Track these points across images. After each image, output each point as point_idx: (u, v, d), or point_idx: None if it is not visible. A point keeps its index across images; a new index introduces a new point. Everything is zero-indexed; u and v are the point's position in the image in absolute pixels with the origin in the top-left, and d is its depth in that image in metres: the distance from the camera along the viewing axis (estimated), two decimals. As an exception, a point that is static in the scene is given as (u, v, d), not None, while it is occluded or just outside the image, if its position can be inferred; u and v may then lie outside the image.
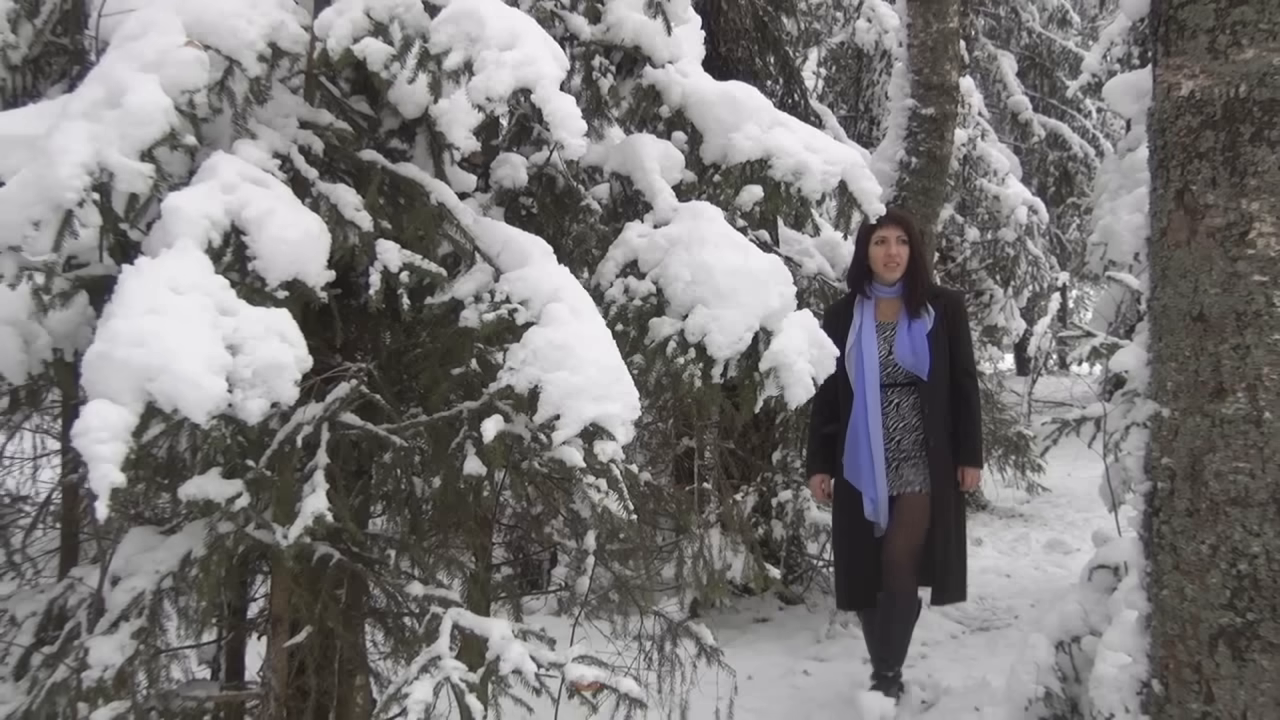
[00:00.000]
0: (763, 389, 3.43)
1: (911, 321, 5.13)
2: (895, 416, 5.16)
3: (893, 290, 5.20)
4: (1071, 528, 10.20)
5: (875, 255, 5.17)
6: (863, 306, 5.22)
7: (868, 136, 13.30)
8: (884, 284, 5.19)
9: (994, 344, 13.05)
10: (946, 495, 5.14)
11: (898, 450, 5.14)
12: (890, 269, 5.14)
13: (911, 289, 5.17)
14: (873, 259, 5.18)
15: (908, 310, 5.15)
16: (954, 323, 5.21)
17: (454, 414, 3.17)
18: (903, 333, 5.14)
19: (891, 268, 5.14)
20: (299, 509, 2.89)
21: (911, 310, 5.14)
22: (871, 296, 5.22)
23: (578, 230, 4.06)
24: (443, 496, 3.36)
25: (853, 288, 5.32)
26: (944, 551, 5.13)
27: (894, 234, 5.14)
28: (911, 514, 5.10)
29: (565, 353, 2.92)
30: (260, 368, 2.53)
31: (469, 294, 3.17)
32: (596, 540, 4.59)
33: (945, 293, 5.42)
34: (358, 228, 3.04)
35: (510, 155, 3.93)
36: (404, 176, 3.25)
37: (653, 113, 4.15)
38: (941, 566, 5.14)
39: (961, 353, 5.22)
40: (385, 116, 3.46)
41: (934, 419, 5.12)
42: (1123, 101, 5.69)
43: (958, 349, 5.20)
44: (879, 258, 5.16)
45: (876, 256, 5.17)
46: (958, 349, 5.20)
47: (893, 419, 5.16)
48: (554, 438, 2.86)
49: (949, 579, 5.19)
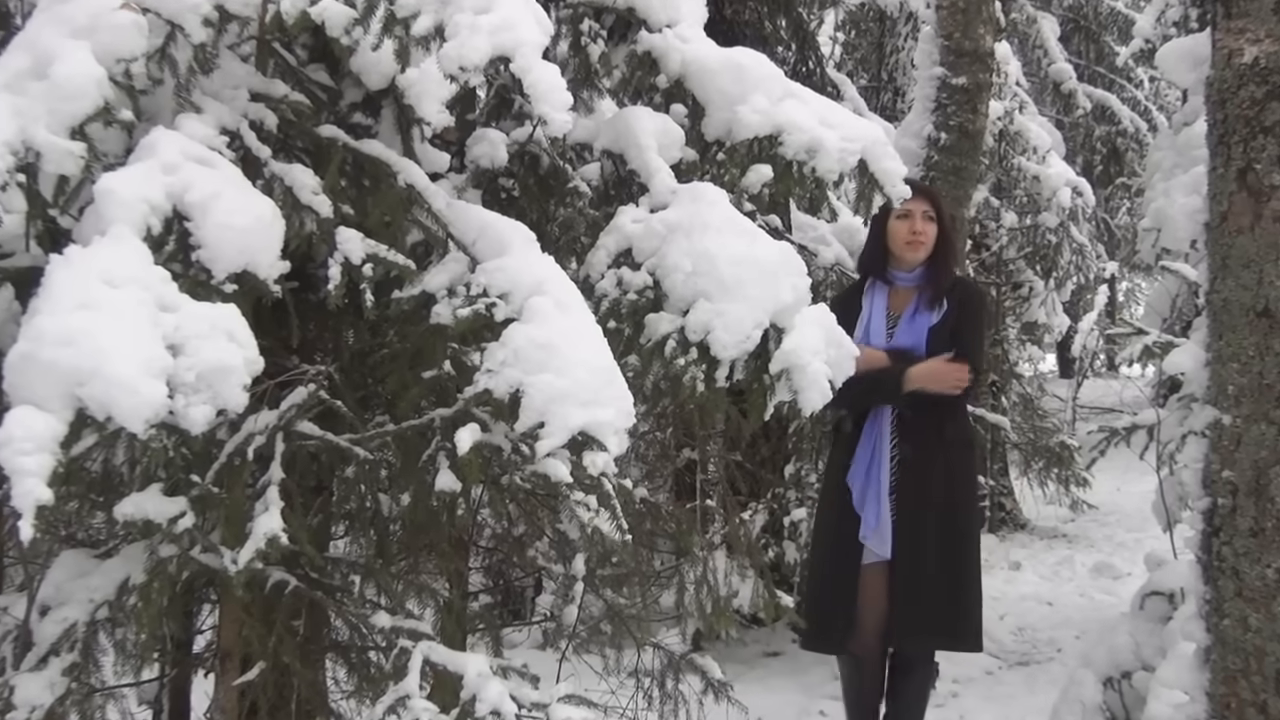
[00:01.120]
0: (773, 393, 3.42)
1: (917, 313, 4.89)
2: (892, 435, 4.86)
3: (912, 277, 4.95)
4: (1121, 549, 10.23)
5: (896, 231, 4.93)
6: (873, 293, 4.99)
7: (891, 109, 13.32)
8: (903, 268, 4.96)
9: (1034, 343, 13.06)
10: (956, 520, 4.84)
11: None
12: (914, 248, 4.90)
13: (935, 276, 4.93)
14: (892, 236, 4.94)
15: (921, 300, 4.91)
16: (962, 313, 4.90)
17: (425, 422, 3.16)
18: (904, 325, 4.90)
19: (915, 247, 4.90)
20: (250, 530, 2.88)
21: (927, 300, 4.90)
22: (887, 283, 4.98)
23: (564, 215, 4.06)
24: (413, 515, 3.35)
25: (865, 271, 5.11)
26: (954, 589, 4.80)
27: (920, 208, 4.88)
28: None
29: (550, 353, 2.92)
30: (205, 371, 2.53)
31: (441, 287, 3.17)
32: (586, 564, 4.59)
33: (962, 282, 5.18)
34: (316, 213, 3.04)
35: (488, 131, 3.92)
36: (368, 155, 3.25)
37: (648, 83, 4.14)
38: (952, 609, 4.78)
39: (962, 344, 4.85)
40: (347, 88, 3.46)
41: (924, 429, 4.81)
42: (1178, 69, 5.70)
43: (960, 341, 4.85)
44: (900, 234, 4.91)
45: (898, 233, 4.93)
46: (960, 341, 4.85)
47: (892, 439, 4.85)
48: (537, 448, 2.85)
49: (963, 623, 4.82)
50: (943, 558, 4.75)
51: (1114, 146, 16.77)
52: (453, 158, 3.80)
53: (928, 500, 4.78)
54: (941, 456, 4.84)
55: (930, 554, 4.74)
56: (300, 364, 3.27)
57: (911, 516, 4.76)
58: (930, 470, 4.81)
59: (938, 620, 4.74)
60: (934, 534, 4.76)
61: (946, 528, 4.79)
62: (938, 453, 4.83)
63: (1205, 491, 3.53)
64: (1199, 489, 3.57)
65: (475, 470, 2.97)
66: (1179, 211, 6.59)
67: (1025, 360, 13.15)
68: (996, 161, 11.54)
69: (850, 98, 9.97)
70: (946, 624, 4.76)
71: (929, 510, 4.77)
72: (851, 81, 11.16)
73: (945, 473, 4.83)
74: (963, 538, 4.85)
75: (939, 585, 4.73)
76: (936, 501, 4.79)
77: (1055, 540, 10.87)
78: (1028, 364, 13.37)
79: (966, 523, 4.91)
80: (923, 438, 4.83)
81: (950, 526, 4.80)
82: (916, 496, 4.78)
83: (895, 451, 4.83)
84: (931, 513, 4.77)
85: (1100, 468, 7.73)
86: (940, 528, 4.78)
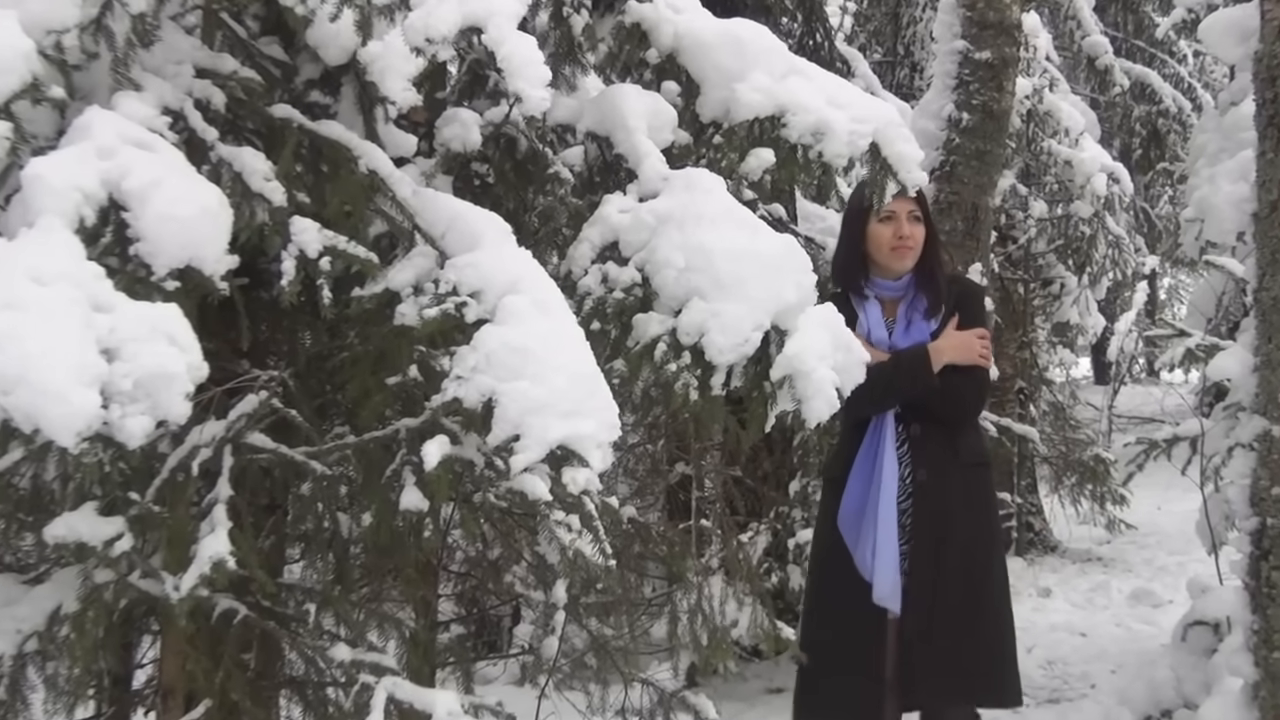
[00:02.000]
0: (775, 402, 3.42)
1: (911, 325, 4.69)
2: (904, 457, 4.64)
3: (898, 286, 4.74)
4: (1162, 574, 10.24)
5: (878, 237, 4.69)
6: (867, 307, 4.73)
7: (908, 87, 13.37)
8: (888, 277, 4.74)
9: (1066, 345, 13.08)
10: (982, 553, 4.66)
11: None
12: (901, 255, 4.68)
13: (930, 284, 4.72)
14: (873, 242, 4.71)
15: (916, 309, 4.70)
16: (963, 314, 4.71)
17: (389, 434, 3.17)
18: (899, 334, 4.69)
19: (903, 254, 4.68)
20: (195, 553, 2.88)
21: (924, 310, 4.69)
22: (870, 296, 4.75)
23: (544, 204, 4.06)
24: (375, 537, 3.35)
25: (843, 285, 4.83)
26: (990, 635, 4.62)
27: (906, 208, 4.64)
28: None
29: (527, 357, 2.92)
30: (144, 377, 2.53)
31: (407, 284, 3.17)
32: (568, 591, 4.59)
33: (960, 280, 5.09)
34: (268, 202, 3.03)
35: (459, 111, 3.92)
36: (326, 138, 3.25)
37: (638, 58, 4.15)
38: (987, 661, 4.60)
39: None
40: (303, 63, 3.46)
41: (938, 447, 4.62)
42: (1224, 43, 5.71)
43: None
44: (884, 240, 4.68)
45: (880, 238, 4.69)
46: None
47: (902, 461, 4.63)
48: (513, 463, 2.86)
49: (1002, 676, 4.64)
50: (972, 599, 4.56)
51: (1154, 128, 16.78)
52: (420, 140, 3.80)
53: (949, 533, 4.57)
54: (960, 479, 4.64)
55: (956, 597, 4.53)
56: (250, 369, 3.27)
57: (931, 554, 4.54)
58: (948, 496, 4.60)
59: (974, 675, 4.58)
60: (959, 572, 4.55)
61: (972, 563, 4.61)
62: (955, 475, 4.63)
63: (1253, 510, 3.55)
64: (1246, 507, 3.59)
65: (444, 487, 2.97)
66: (1225, 200, 6.60)
67: (1056, 365, 13.16)
68: (1024, 145, 11.56)
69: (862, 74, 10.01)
70: (985, 678, 4.59)
71: (951, 545, 4.56)
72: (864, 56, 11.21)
73: (965, 498, 4.63)
74: (991, 573, 4.69)
75: (971, 632, 4.54)
76: (959, 534, 4.58)
77: (1089, 564, 10.88)
78: (1059, 369, 13.38)
79: (992, 555, 4.73)
80: (938, 458, 4.62)
81: (976, 561, 4.63)
82: (934, 529, 4.56)
83: (908, 475, 4.62)
84: (954, 548, 4.56)
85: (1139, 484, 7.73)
86: (966, 564, 4.58)
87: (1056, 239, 12.09)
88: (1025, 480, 11.39)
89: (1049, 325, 12.48)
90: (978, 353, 4.67)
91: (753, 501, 6.95)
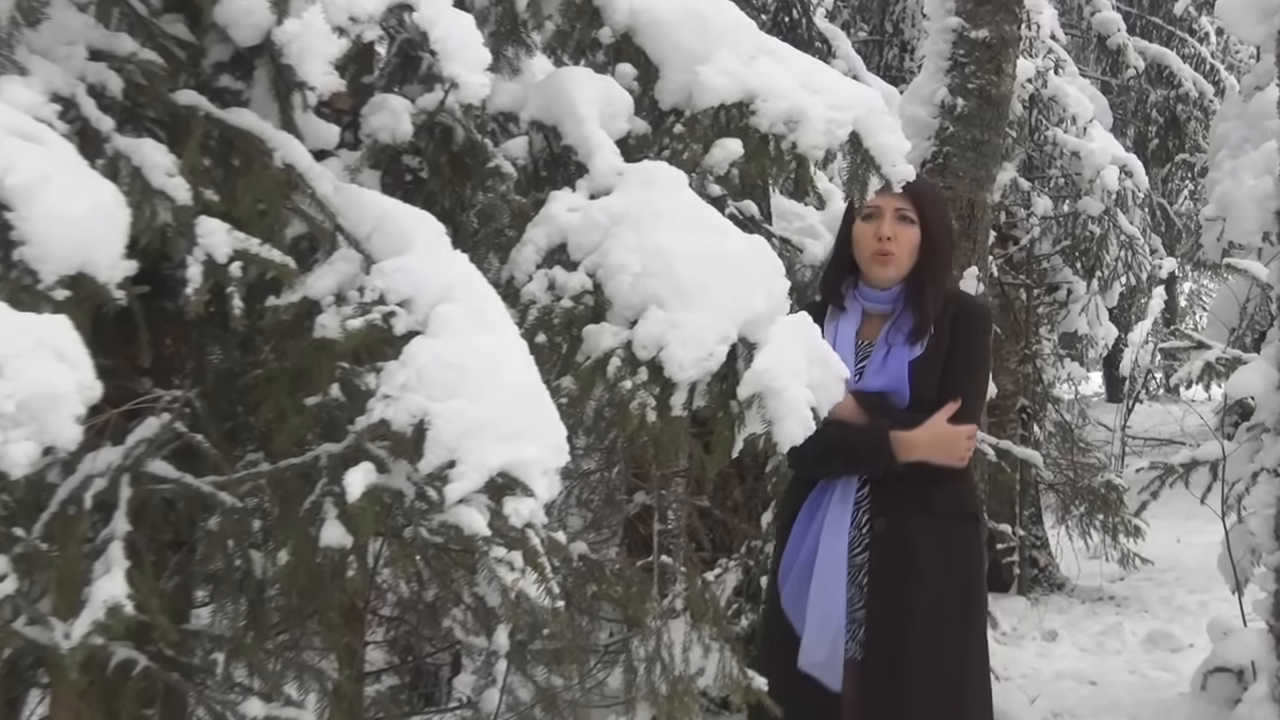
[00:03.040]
0: (743, 424, 3.43)
1: (892, 348, 4.52)
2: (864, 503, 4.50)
3: (886, 299, 4.60)
4: (1181, 615, 10.31)
5: (860, 237, 4.60)
6: (838, 316, 4.64)
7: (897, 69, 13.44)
8: (874, 286, 4.62)
9: (1074, 358, 13.14)
10: (950, 632, 4.47)
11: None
12: (880, 262, 4.54)
13: (917, 300, 4.54)
14: (856, 244, 4.62)
15: (898, 331, 4.54)
16: (957, 340, 4.54)
17: (307, 461, 3.16)
18: (876, 361, 4.54)
19: (882, 260, 4.54)
20: (88, 596, 2.88)
21: (907, 333, 4.53)
22: (848, 309, 4.65)
23: (483, 202, 4.07)
24: (293, 577, 3.34)
25: (825, 293, 4.78)
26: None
27: (893, 205, 4.52)
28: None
29: (463, 373, 2.93)
30: (28, 398, 2.52)
31: (328, 292, 3.17)
32: (511, 638, 4.59)
33: (961, 299, 4.82)
34: (171, 200, 3.03)
35: (388, 98, 3.92)
36: (237, 128, 3.25)
37: (589, 38, 4.16)
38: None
39: (953, 383, 4.51)
40: (211, 44, 3.46)
41: (904, 495, 4.46)
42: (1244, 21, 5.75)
43: (949, 379, 4.52)
44: (865, 240, 4.58)
45: (862, 240, 4.59)
46: (949, 379, 4.52)
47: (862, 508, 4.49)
48: (447, 493, 2.86)
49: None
50: (944, 683, 4.43)
51: (1172, 115, 16.91)
52: (344, 131, 3.80)
53: (913, 599, 4.41)
54: (928, 532, 4.47)
55: (921, 677, 4.37)
56: (152, 389, 3.26)
57: (892, 624, 4.39)
58: (914, 552, 4.44)
59: None
60: (925, 648, 4.38)
61: (945, 638, 4.45)
62: (921, 527, 4.47)
63: (1278, 543, 3.57)
64: (1271, 540, 3.61)
65: (369, 521, 2.97)
66: (1247, 196, 6.64)
67: (1064, 380, 13.20)
68: (1026, 134, 11.63)
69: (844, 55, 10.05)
70: None
71: (917, 615, 4.39)
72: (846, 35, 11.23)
73: (937, 556, 4.47)
74: (970, 653, 4.55)
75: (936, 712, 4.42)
76: (926, 600, 4.41)
77: (1100, 604, 10.94)
78: (1067, 385, 13.42)
79: (970, 630, 4.59)
80: (902, 506, 4.48)
81: (950, 637, 4.47)
82: (895, 592, 4.42)
83: (865, 525, 4.49)
84: (921, 618, 4.39)
85: (1156, 514, 7.79)
86: (935, 638, 4.41)
87: (1063, 239, 12.15)
88: (1029, 510, 11.44)
89: (1055, 336, 12.53)
90: (959, 455, 4.49)
91: (721, 535, 6.96)
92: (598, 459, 6.99)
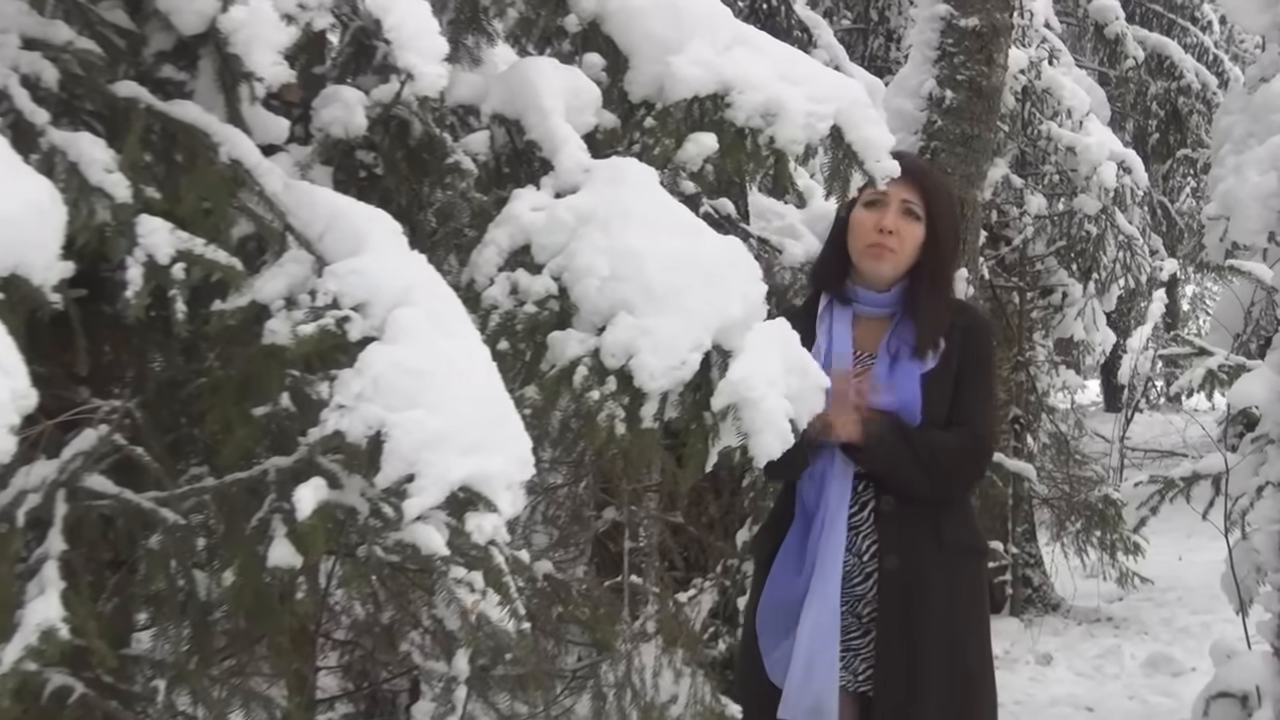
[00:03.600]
0: (717, 436, 3.44)
1: (898, 360, 4.36)
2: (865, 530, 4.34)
3: (884, 302, 4.44)
4: (1183, 637, 10.34)
5: (858, 226, 4.42)
6: (832, 318, 4.46)
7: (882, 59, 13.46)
8: (870, 285, 4.45)
9: (1070, 366, 13.17)
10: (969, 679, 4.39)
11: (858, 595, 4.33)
12: (876, 256, 4.37)
13: (923, 308, 4.39)
14: (852, 233, 4.44)
15: (902, 341, 4.38)
16: (965, 354, 4.39)
17: (255, 475, 3.16)
18: (881, 370, 4.38)
19: (878, 254, 4.36)
20: (20, 620, 2.87)
21: (913, 347, 4.36)
22: (849, 305, 4.48)
23: (442, 200, 4.07)
24: (239, 599, 3.35)
25: (817, 285, 4.64)
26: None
27: (900, 195, 4.35)
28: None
29: (421, 382, 2.93)
30: (-43, 408, 2.53)
31: (277, 296, 3.17)
32: (471, 663, 4.59)
33: (967, 310, 4.72)
34: (110, 198, 3.03)
35: (341, 90, 3.92)
36: (181, 121, 3.25)
37: (555, 26, 4.17)
38: None
39: (964, 402, 4.38)
40: (153, 32, 3.45)
41: (914, 527, 4.33)
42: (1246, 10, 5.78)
43: (961, 397, 4.37)
44: (863, 230, 4.39)
45: (859, 229, 4.41)
46: (961, 397, 4.37)
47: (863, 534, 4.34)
48: (405, 509, 2.86)
49: None
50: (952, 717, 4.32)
51: (1174, 108, 16.95)
52: (294, 124, 3.80)
53: (928, 642, 4.29)
54: (943, 570, 4.35)
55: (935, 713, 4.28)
56: (90, 398, 3.26)
57: (905, 670, 4.27)
58: (928, 591, 4.32)
59: None
60: (938, 683, 4.28)
61: (965, 686, 4.37)
62: (935, 564, 4.35)
63: (1282, 561, 3.59)
64: (1276, 558, 3.62)
65: (320, 539, 2.97)
66: (1251, 194, 6.66)
67: (1058, 389, 13.21)
68: (1019, 128, 11.66)
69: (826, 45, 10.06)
70: None
71: (930, 659, 4.29)
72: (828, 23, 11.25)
73: (950, 595, 4.35)
74: (984, 698, 4.47)
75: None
76: (940, 644, 4.31)
77: (1097, 625, 10.97)
78: (1062, 394, 13.43)
79: (985, 675, 4.52)
80: (914, 541, 4.34)
81: (970, 683, 4.39)
82: (909, 635, 4.29)
83: (869, 557, 4.33)
84: (934, 662, 4.29)
85: (1157, 530, 7.80)
86: (951, 686, 4.31)
87: (1058, 239, 12.17)
88: (1022, 526, 11.46)
89: (1049, 342, 12.55)
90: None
91: (696, 553, 6.96)
92: (565, 473, 7.00)
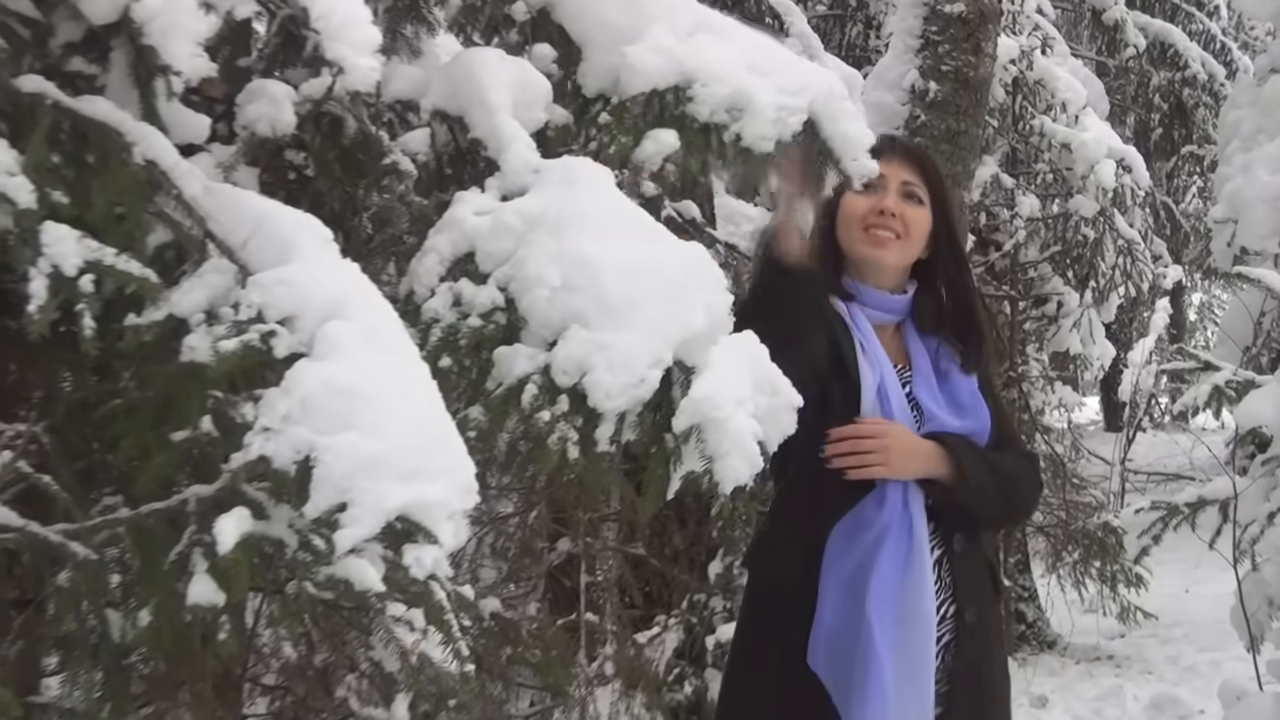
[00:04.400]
0: (679, 460, 3.43)
1: (940, 373, 4.27)
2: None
3: (896, 306, 4.29)
4: (1190, 676, 10.38)
5: (850, 210, 4.26)
6: (857, 317, 4.22)
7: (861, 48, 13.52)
8: (871, 280, 4.29)
9: (1066, 381, 13.20)
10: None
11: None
12: (875, 243, 4.21)
13: (931, 303, 4.33)
14: (843, 220, 4.29)
15: (940, 349, 4.30)
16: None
17: (174, 506, 3.15)
18: (926, 384, 4.25)
19: (878, 241, 4.21)
20: (-84, 665, 2.87)
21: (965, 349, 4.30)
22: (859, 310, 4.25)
23: (378, 204, 4.07)
24: (157, 641, 3.34)
25: (819, 283, 4.16)
26: None
27: (900, 177, 4.24)
28: None
29: (354, 402, 2.93)
30: None
31: (197, 309, 3.16)
32: (412, 709, 4.59)
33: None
34: (12, 203, 3.02)
35: (267, 84, 3.92)
36: (91, 119, 3.24)
37: (502, 14, 4.18)
38: None
39: (1000, 418, 4.34)
40: (60, 22, 3.45)
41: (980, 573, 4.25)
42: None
43: (995, 414, 4.29)
44: (858, 212, 4.24)
45: (853, 211, 4.25)
46: (995, 414, 4.29)
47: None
48: (337, 541, 2.86)
49: None
50: None
51: (1178, 101, 17.02)
52: (216, 122, 3.80)
53: (995, 702, 4.26)
54: (999, 623, 4.42)
55: None
56: (-8, 422, 3.26)
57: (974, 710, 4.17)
58: (995, 648, 4.30)
59: None
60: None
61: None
62: (997, 617, 4.39)
63: (1294, 594, 3.61)
64: (1287, 590, 3.64)
65: (244, 574, 2.96)
66: (1260, 195, 6.69)
67: (1055, 406, 13.24)
68: (1010, 123, 11.70)
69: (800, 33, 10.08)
70: None
71: (995, 704, 4.26)
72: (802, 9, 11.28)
73: (1004, 650, 4.41)
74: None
75: None
76: (1003, 701, 4.31)
77: (1097, 664, 11.01)
78: (1058, 412, 13.47)
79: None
80: (983, 589, 4.27)
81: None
82: (977, 691, 4.18)
83: (949, 611, 4.14)
84: (998, 706, 4.27)
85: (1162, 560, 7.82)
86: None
87: (1052, 244, 12.22)
88: (1015, 557, 11.50)
89: (1044, 356, 12.59)
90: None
91: (659, 588, 6.97)
92: (514, 501, 7.00)
